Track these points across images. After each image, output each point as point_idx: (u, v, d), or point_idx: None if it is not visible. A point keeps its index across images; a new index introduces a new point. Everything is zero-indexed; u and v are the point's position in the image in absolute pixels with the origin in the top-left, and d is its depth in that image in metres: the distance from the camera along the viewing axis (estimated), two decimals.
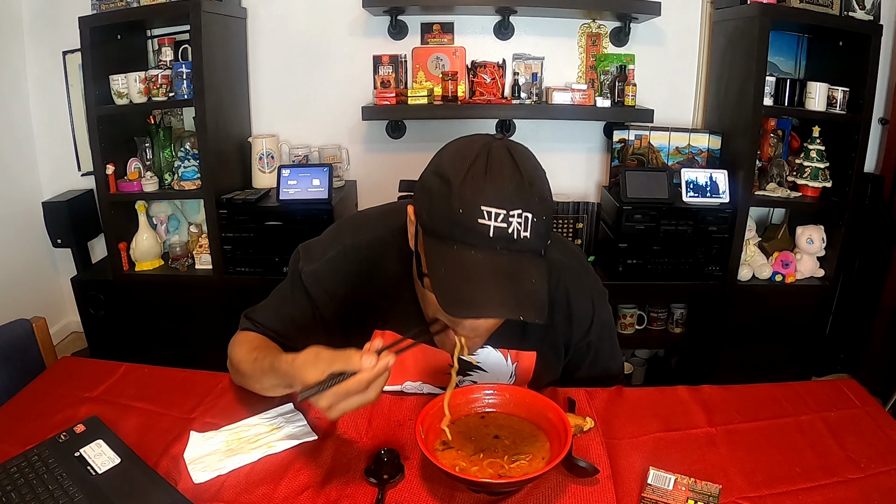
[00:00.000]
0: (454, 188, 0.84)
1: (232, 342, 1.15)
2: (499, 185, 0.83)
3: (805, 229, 2.48)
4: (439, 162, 0.90)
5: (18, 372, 1.22)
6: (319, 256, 1.11)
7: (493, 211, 0.83)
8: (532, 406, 1.01)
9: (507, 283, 0.83)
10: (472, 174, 0.84)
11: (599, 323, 1.18)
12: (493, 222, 0.83)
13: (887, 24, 2.45)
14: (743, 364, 2.56)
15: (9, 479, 0.90)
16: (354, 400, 0.85)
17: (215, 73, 2.39)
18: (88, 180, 2.79)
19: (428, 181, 0.90)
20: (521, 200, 0.84)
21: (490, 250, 0.84)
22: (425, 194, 0.89)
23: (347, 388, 0.83)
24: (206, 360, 1.24)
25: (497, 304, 0.83)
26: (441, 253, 0.86)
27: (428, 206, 0.88)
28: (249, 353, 1.07)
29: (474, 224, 0.83)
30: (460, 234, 0.84)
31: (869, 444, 1.02)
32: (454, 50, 2.63)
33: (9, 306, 2.55)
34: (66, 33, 2.59)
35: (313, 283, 1.10)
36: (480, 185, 0.83)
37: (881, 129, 2.66)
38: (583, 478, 0.93)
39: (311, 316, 1.12)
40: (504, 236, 0.84)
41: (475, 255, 0.84)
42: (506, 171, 0.85)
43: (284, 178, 2.41)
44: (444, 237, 0.86)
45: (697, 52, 2.68)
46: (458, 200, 0.84)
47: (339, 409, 0.85)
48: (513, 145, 0.90)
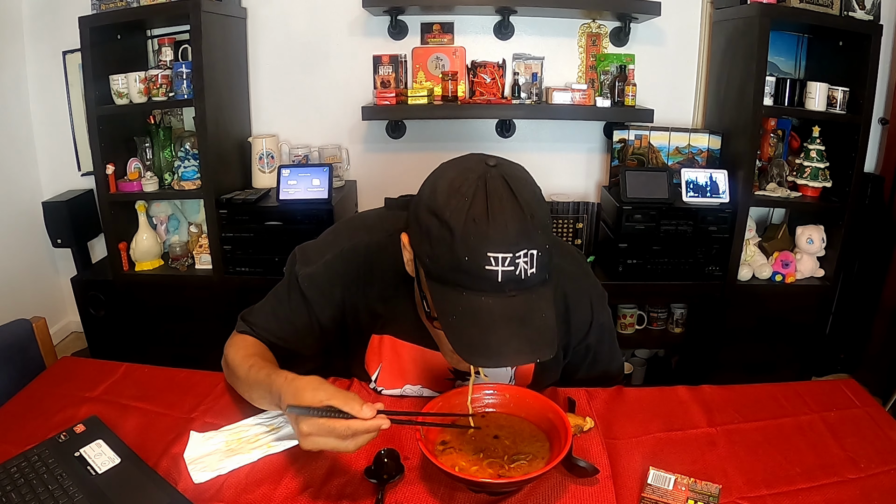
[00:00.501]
0: (456, 234, 0.81)
1: (228, 343, 1.14)
2: (502, 228, 0.81)
3: (805, 229, 2.48)
4: (433, 197, 0.86)
5: (18, 372, 1.22)
6: (316, 259, 1.10)
7: (499, 256, 0.81)
8: (532, 406, 1.01)
9: (520, 328, 0.84)
10: (473, 216, 0.81)
11: (598, 326, 1.18)
12: (500, 267, 0.81)
13: (887, 24, 2.45)
14: (743, 364, 2.56)
15: (9, 479, 0.90)
16: (332, 442, 0.84)
17: (215, 73, 2.39)
18: (88, 180, 2.79)
19: (425, 220, 0.86)
20: (525, 239, 0.82)
21: (500, 294, 0.83)
22: (424, 236, 0.86)
23: (334, 427, 0.83)
24: (206, 360, 1.24)
25: (514, 351, 0.84)
26: (450, 300, 0.85)
27: (429, 250, 0.86)
28: (246, 359, 1.05)
29: (481, 271, 0.82)
30: (468, 280, 0.83)
31: (869, 444, 1.02)
32: (454, 50, 2.63)
33: (9, 306, 2.55)
34: (66, 33, 2.59)
35: (310, 286, 1.09)
36: (484, 229, 0.81)
37: (881, 129, 2.66)
38: (583, 478, 0.93)
39: (307, 319, 1.11)
40: (512, 279, 0.82)
41: (486, 302, 0.83)
42: (507, 208, 0.82)
43: (284, 178, 2.41)
44: (450, 283, 0.85)
45: (697, 52, 2.68)
46: (462, 248, 0.81)
47: (314, 441, 0.84)
48: (508, 173, 0.86)
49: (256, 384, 1.00)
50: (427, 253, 0.86)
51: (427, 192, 0.88)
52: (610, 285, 2.41)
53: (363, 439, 0.85)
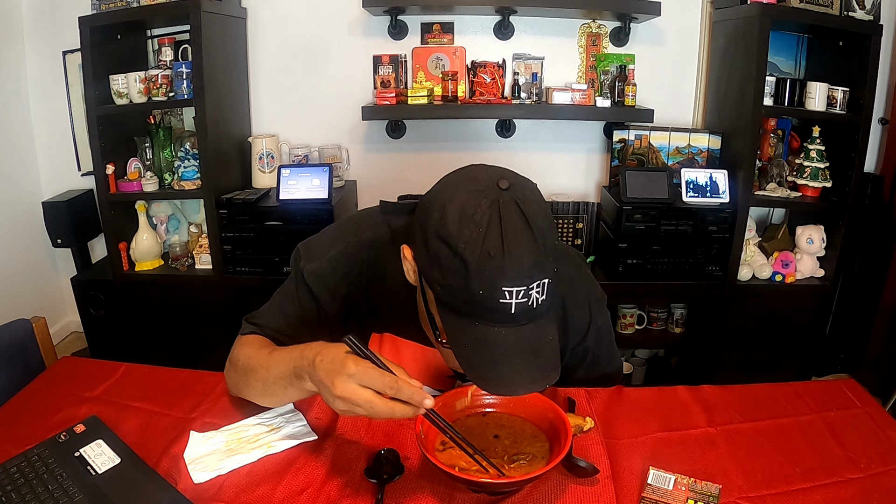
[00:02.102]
0: (471, 269, 0.80)
1: (236, 344, 1.10)
2: (517, 262, 0.80)
3: (805, 229, 2.48)
4: (444, 223, 0.82)
5: (18, 372, 1.22)
6: (321, 255, 1.09)
7: (514, 290, 0.81)
8: (532, 406, 1.01)
9: (532, 357, 0.85)
10: (488, 250, 0.79)
11: (596, 329, 1.18)
12: (514, 300, 0.81)
13: (887, 24, 2.45)
14: (743, 364, 2.56)
15: (9, 479, 0.90)
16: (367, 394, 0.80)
17: (215, 73, 2.39)
18: (88, 180, 2.79)
19: (434, 246, 0.84)
20: (538, 270, 0.82)
21: (512, 324, 0.83)
22: (434, 263, 0.84)
23: (382, 377, 0.80)
24: (206, 360, 1.24)
25: (527, 381, 0.85)
26: (462, 328, 0.85)
27: (441, 279, 0.84)
28: (263, 348, 1.03)
29: (496, 304, 0.81)
30: (481, 312, 0.83)
31: (869, 444, 1.02)
32: (454, 50, 2.63)
33: (9, 306, 2.55)
34: (66, 33, 2.59)
35: (316, 281, 1.08)
36: (500, 264, 0.79)
37: (881, 129, 2.66)
38: (583, 478, 0.93)
39: (315, 315, 1.10)
40: (525, 309, 0.83)
41: (498, 332, 0.83)
42: (521, 240, 0.81)
43: (284, 178, 2.41)
44: (462, 313, 0.84)
45: (697, 52, 2.68)
46: (476, 282, 0.80)
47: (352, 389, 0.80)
48: (521, 197, 0.83)
49: (278, 358, 0.96)
50: (438, 281, 0.84)
51: (436, 215, 0.84)
52: (610, 285, 2.43)
53: (399, 409, 0.81)
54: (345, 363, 0.81)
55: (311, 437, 1.02)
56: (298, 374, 0.90)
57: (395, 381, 0.80)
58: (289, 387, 0.94)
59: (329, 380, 0.82)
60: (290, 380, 0.92)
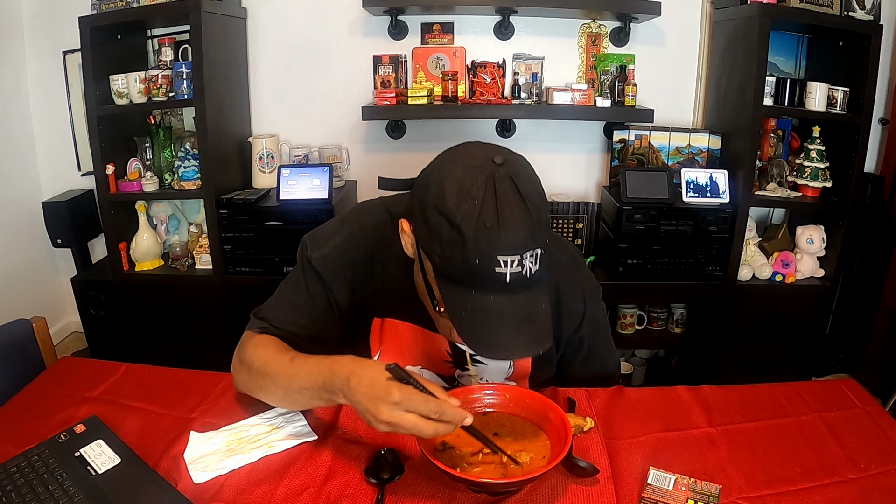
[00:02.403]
0: (468, 239, 0.84)
1: (246, 344, 1.08)
2: (511, 233, 0.84)
3: (805, 229, 2.48)
4: (442, 197, 0.86)
5: (18, 372, 1.22)
6: (327, 242, 1.12)
7: (508, 259, 0.85)
8: (532, 406, 1.02)
9: (526, 324, 0.89)
10: (484, 222, 0.84)
11: (591, 318, 1.19)
12: (509, 269, 0.85)
13: (887, 24, 2.45)
14: (743, 364, 2.56)
15: (9, 479, 0.90)
16: (414, 419, 0.84)
17: (215, 73, 2.39)
18: (88, 180, 2.79)
19: (433, 220, 0.87)
20: (531, 241, 0.86)
21: (507, 293, 0.87)
22: (433, 236, 0.88)
23: (427, 402, 0.84)
24: (206, 360, 1.24)
25: (521, 347, 0.90)
26: (459, 297, 0.89)
27: (440, 251, 0.88)
28: (283, 354, 1.02)
29: (492, 273, 0.85)
30: (478, 281, 0.86)
31: (869, 444, 1.02)
32: (454, 50, 2.63)
33: (9, 306, 2.55)
34: (66, 33, 2.59)
35: (324, 267, 1.10)
36: (495, 234, 0.84)
37: (881, 129, 2.66)
38: (583, 478, 0.93)
39: (325, 303, 1.11)
40: (519, 278, 0.86)
41: (494, 301, 0.87)
42: (516, 212, 0.85)
43: (284, 178, 2.41)
44: (460, 282, 0.88)
45: (697, 52, 2.68)
46: (473, 252, 0.84)
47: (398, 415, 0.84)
48: (516, 172, 0.87)
49: (303, 370, 0.96)
50: (437, 252, 0.88)
51: (434, 190, 0.88)
52: (610, 285, 2.43)
53: (444, 428, 0.85)
54: (389, 391, 0.84)
55: (311, 437, 1.02)
56: (330, 389, 0.92)
57: (439, 405, 0.84)
58: (315, 398, 0.96)
59: (373, 406, 0.85)
60: (319, 392, 0.94)
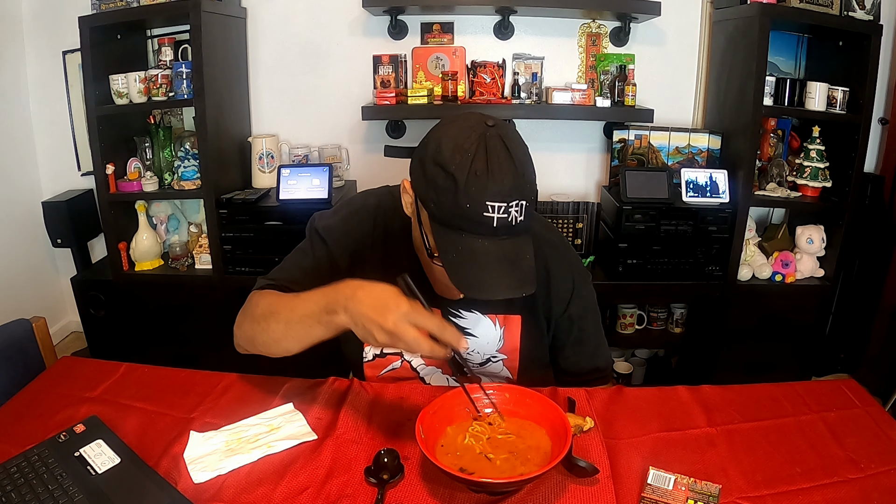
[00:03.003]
0: (460, 185, 0.93)
1: (251, 298, 1.14)
2: (499, 182, 0.94)
3: (805, 229, 2.48)
4: (439, 151, 0.97)
5: (18, 372, 1.22)
6: (333, 215, 1.23)
7: (496, 205, 0.94)
8: (532, 406, 1.02)
9: (510, 267, 0.97)
10: (475, 171, 0.93)
11: (580, 298, 1.23)
12: (496, 214, 0.94)
13: (887, 24, 2.45)
14: (743, 364, 2.56)
15: (9, 479, 0.90)
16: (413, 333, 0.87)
17: (215, 73, 2.39)
18: (88, 180, 2.79)
19: (431, 171, 0.97)
20: (517, 192, 0.95)
21: (494, 238, 0.96)
22: (430, 185, 0.97)
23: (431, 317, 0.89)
24: (206, 360, 1.24)
25: (505, 286, 0.97)
26: (451, 240, 0.97)
27: (435, 197, 0.97)
28: (284, 295, 1.08)
29: (480, 217, 0.94)
30: (468, 225, 0.95)
31: (869, 444, 1.02)
32: (454, 50, 2.63)
33: (9, 306, 2.55)
34: (66, 33, 2.59)
35: (329, 234, 1.20)
36: (484, 182, 0.93)
37: (881, 129, 2.66)
38: (583, 478, 0.93)
39: (328, 266, 1.18)
40: (505, 224, 0.95)
41: (481, 243, 0.96)
42: (504, 165, 0.95)
43: (284, 178, 2.41)
44: (452, 226, 0.97)
45: (697, 52, 2.68)
46: (464, 197, 0.93)
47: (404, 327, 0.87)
48: (506, 134, 0.98)
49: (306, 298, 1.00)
50: (433, 199, 0.98)
51: (433, 146, 0.98)
52: (610, 285, 2.43)
53: (439, 350, 0.89)
54: (399, 302, 0.89)
55: (311, 437, 1.02)
56: (331, 308, 0.94)
57: (442, 323, 0.90)
58: (315, 324, 0.98)
59: (379, 314, 0.88)
60: (319, 316, 0.96)
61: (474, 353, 1.22)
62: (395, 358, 1.24)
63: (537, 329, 1.23)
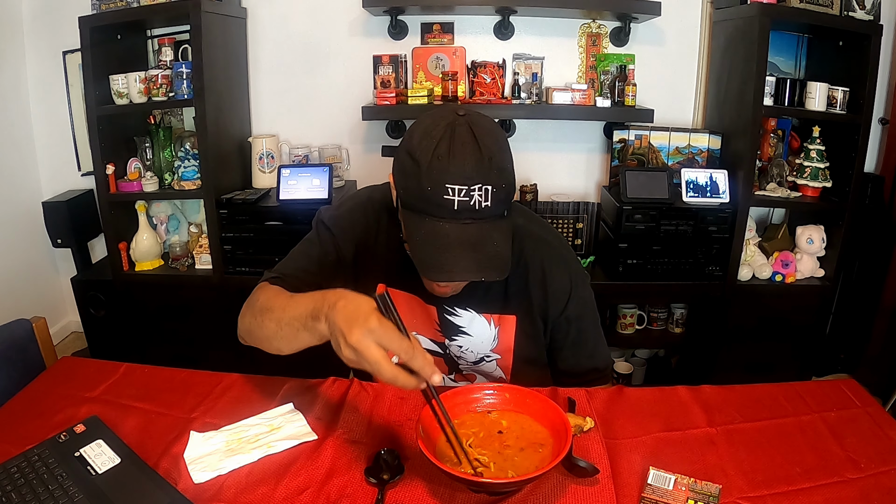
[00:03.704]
0: (422, 168, 0.96)
1: (255, 291, 1.13)
2: (460, 165, 0.95)
3: (805, 229, 2.48)
4: (410, 140, 1.00)
5: (18, 372, 1.22)
6: (338, 207, 1.26)
7: (455, 187, 0.95)
8: (532, 406, 1.01)
9: (471, 251, 0.97)
10: (437, 155, 0.96)
11: (578, 299, 1.22)
12: (456, 197, 0.95)
13: (887, 24, 2.45)
14: (743, 364, 2.56)
15: (9, 479, 0.90)
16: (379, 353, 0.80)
17: (215, 73, 2.39)
18: (88, 180, 2.79)
19: (402, 159, 1.01)
20: (480, 176, 0.96)
21: (456, 221, 0.97)
22: (400, 171, 1.02)
23: (400, 338, 0.81)
24: (206, 360, 1.24)
25: (463, 269, 0.97)
26: (415, 223, 1.00)
27: (403, 182, 1.01)
28: (282, 293, 1.06)
29: (440, 199, 0.96)
30: (430, 208, 0.97)
31: (869, 444, 1.02)
32: (454, 50, 2.63)
33: (9, 306, 2.55)
34: (66, 33, 2.59)
35: (334, 224, 1.23)
36: (444, 165, 0.95)
37: (881, 129, 2.66)
38: (583, 478, 0.93)
39: (334, 255, 1.21)
40: (467, 208, 0.96)
41: (443, 226, 0.97)
42: (467, 150, 0.96)
43: (284, 178, 2.41)
44: (417, 210, 0.99)
45: (697, 52, 2.68)
46: (426, 179, 0.96)
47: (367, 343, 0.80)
48: (475, 122, 0.99)
49: (298, 300, 0.96)
50: (401, 184, 1.02)
51: (406, 136, 1.03)
52: (610, 285, 2.43)
53: (402, 379, 0.81)
54: (368, 317, 0.81)
55: (311, 437, 1.02)
56: (316, 315, 0.89)
57: (411, 348, 0.81)
58: (301, 329, 0.93)
59: (347, 326, 0.81)
60: (305, 321, 0.91)
61: (468, 351, 1.23)
62: None
63: (533, 330, 1.23)
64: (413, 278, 1.13)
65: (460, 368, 1.25)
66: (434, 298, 1.20)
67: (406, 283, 1.20)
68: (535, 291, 1.20)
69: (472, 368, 1.25)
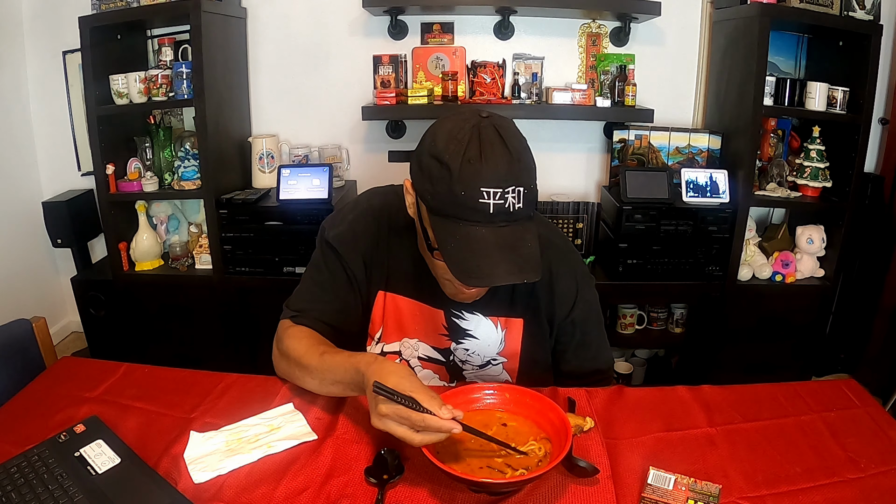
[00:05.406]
0: (454, 173, 0.94)
1: (282, 334, 1.17)
2: (493, 168, 0.93)
3: (805, 229, 2.48)
4: (434, 143, 0.98)
5: (18, 372, 1.22)
6: (341, 221, 1.23)
7: (490, 191, 0.93)
8: (532, 406, 1.02)
9: (509, 253, 0.96)
10: (469, 158, 0.93)
11: (583, 302, 1.22)
12: (491, 200, 0.94)
13: (887, 24, 2.45)
14: (743, 364, 2.56)
15: (9, 479, 0.90)
16: (403, 430, 0.88)
17: (215, 73, 2.39)
18: (88, 180, 2.79)
19: (427, 164, 0.98)
20: (513, 177, 0.95)
21: (491, 225, 0.95)
22: (426, 177, 0.98)
23: (410, 416, 0.87)
24: (206, 360, 1.24)
25: (504, 272, 0.95)
26: (448, 230, 0.97)
27: (431, 188, 0.97)
28: (314, 347, 1.10)
29: (475, 204, 0.94)
30: (464, 212, 0.95)
31: (869, 444, 1.02)
32: (454, 50, 2.63)
33: (9, 306, 2.55)
34: (66, 33, 2.59)
35: (340, 243, 1.20)
36: (477, 168, 0.93)
37: (881, 129, 2.66)
38: (583, 478, 0.93)
39: (344, 275, 1.20)
40: (502, 211, 0.95)
41: (479, 231, 0.95)
42: (497, 151, 0.94)
43: (284, 178, 2.41)
44: (449, 216, 0.97)
45: (697, 52, 2.68)
46: (458, 184, 0.93)
47: (388, 424, 0.89)
48: (500, 123, 0.98)
49: (333, 367, 1.04)
50: (429, 191, 0.98)
51: (428, 140, 1.00)
52: (610, 285, 2.43)
53: (432, 437, 0.88)
54: (377, 404, 0.90)
55: (311, 437, 1.02)
56: (359, 386, 0.98)
57: (423, 419, 0.87)
58: (349, 391, 1.04)
59: (370, 412, 0.92)
60: (351, 387, 1.02)
61: (474, 355, 1.22)
62: (394, 357, 1.24)
63: (539, 332, 1.23)
64: (417, 283, 1.14)
65: (464, 376, 1.24)
66: (441, 302, 1.18)
67: (410, 289, 1.20)
68: (542, 294, 1.20)
69: (478, 373, 1.24)
